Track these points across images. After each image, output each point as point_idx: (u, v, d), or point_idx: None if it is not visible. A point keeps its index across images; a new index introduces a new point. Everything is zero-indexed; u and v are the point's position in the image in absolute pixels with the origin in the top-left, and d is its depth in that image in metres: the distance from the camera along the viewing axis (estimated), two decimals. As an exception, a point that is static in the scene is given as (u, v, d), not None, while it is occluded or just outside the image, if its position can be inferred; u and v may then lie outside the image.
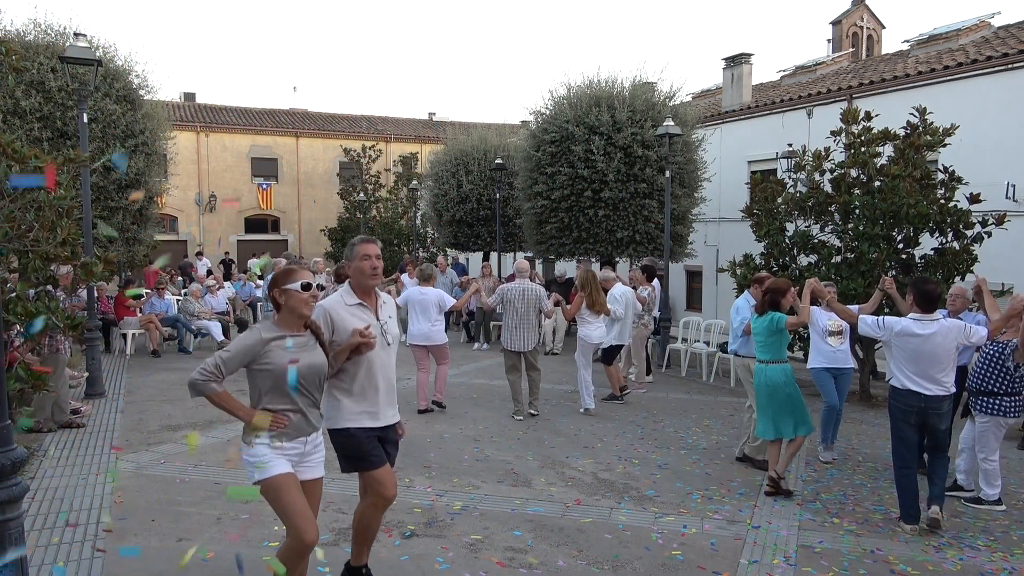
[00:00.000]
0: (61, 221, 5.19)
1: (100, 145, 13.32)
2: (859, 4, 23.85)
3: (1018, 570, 4.55)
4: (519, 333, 8.12)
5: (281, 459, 3.24)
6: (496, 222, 18.20)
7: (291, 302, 3.28)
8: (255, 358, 3.21)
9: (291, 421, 3.27)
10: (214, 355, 3.19)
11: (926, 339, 4.96)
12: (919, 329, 4.99)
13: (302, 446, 3.34)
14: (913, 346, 5.00)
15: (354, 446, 3.62)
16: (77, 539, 4.69)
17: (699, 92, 24.42)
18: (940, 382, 4.99)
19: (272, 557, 3.25)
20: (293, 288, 3.26)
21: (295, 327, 3.33)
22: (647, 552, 4.69)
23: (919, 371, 5.00)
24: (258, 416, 3.20)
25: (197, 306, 13.42)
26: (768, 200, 10.56)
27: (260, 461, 3.19)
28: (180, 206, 29.50)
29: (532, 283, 8.32)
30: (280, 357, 3.21)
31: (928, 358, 4.96)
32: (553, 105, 15.18)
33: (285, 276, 3.31)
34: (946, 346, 4.98)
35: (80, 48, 8.60)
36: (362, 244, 3.68)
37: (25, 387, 6.13)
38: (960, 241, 9.24)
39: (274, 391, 3.25)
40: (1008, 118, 12.89)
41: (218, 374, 3.15)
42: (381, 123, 35.58)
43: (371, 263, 3.63)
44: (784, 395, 5.78)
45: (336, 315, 3.57)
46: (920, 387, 4.99)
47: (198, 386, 3.13)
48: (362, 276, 3.65)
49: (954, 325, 5.07)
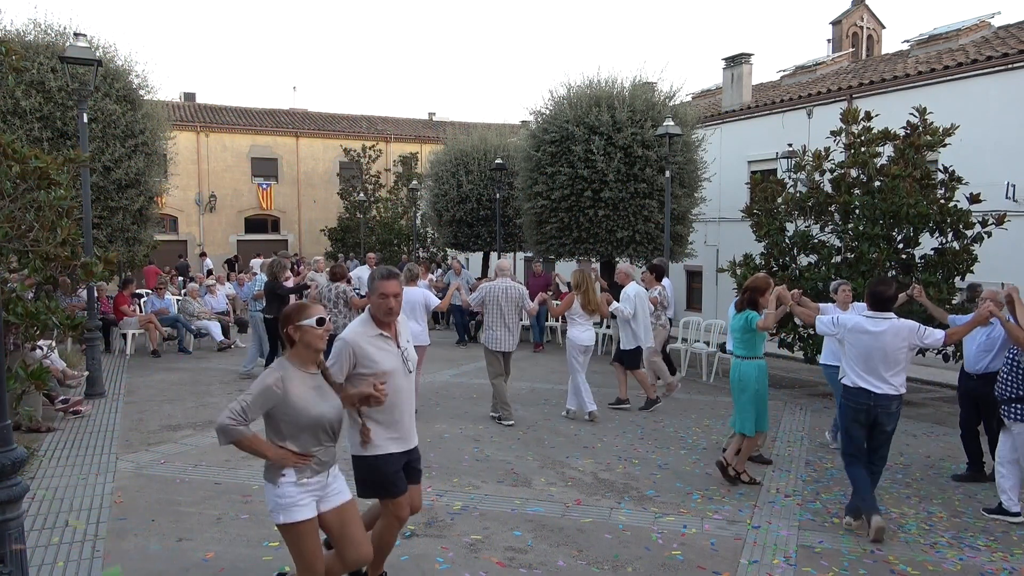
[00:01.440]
0: (61, 221, 5.19)
1: (100, 145, 13.31)
2: (859, 4, 23.85)
3: (1018, 570, 4.55)
4: (503, 333, 8.00)
5: (308, 501, 3.28)
6: (496, 222, 18.19)
7: (306, 338, 3.28)
8: (278, 404, 3.21)
9: (316, 458, 3.30)
10: (237, 400, 3.18)
11: (876, 336, 5.02)
12: (871, 326, 5.06)
13: (325, 478, 3.39)
14: (864, 343, 5.06)
15: (380, 474, 3.67)
16: (77, 539, 4.70)
17: (699, 92, 24.42)
18: (889, 381, 5.03)
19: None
20: (308, 324, 3.27)
21: (309, 362, 3.34)
22: (647, 552, 4.69)
23: (869, 369, 5.06)
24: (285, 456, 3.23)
25: (196, 306, 13.43)
26: (768, 200, 10.55)
27: (288, 502, 3.23)
28: (180, 206, 29.51)
29: (514, 282, 8.24)
30: (304, 402, 3.23)
31: (879, 356, 5.02)
32: (553, 105, 15.17)
33: (299, 312, 3.32)
34: (896, 345, 5.00)
35: (80, 48, 8.60)
36: (382, 281, 3.66)
37: (25, 387, 6.14)
38: (960, 241, 9.24)
39: (296, 432, 3.25)
40: (1008, 118, 12.89)
41: (244, 418, 3.15)
42: (381, 123, 35.59)
43: (388, 303, 3.64)
44: (752, 391, 6.00)
45: (359, 348, 3.59)
46: (870, 385, 5.05)
47: (228, 431, 3.11)
48: (379, 312, 3.67)
49: (906, 325, 5.07)
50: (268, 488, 3.29)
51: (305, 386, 3.27)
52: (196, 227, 30.49)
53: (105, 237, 13.56)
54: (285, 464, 3.23)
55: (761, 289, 5.99)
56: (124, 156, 13.76)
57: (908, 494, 5.84)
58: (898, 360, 5.03)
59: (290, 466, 3.23)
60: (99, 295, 11.36)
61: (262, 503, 5.37)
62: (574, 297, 8.20)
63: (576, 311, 8.21)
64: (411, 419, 3.82)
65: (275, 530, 4.81)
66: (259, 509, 5.26)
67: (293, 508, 3.23)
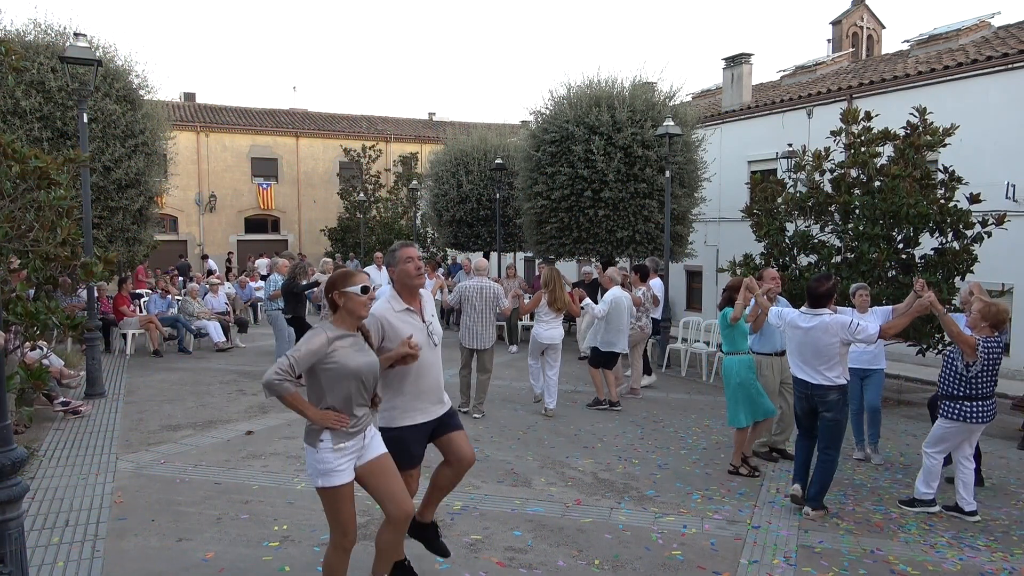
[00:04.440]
0: (61, 221, 5.20)
1: (100, 145, 13.31)
2: (859, 4, 23.85)
3: (1018, 570, 4.55)
4: (476, 330, 8.18)
5: (346, 465, 3.39)
6: (496, 222, 18.19)
7: (350, 304, 3.41)
8: (321, 358, 3.32)
9: (355, 418, 3.41)
10: (286, 355, 3.29)
11: (807, 331, 5.35)
12: (802, 322, 5.41)
13: (362, 440, 3.48)
14: (797, 337, 5.45)
15: (403, 446, 3.78)
16: (77, 539, 4.70)
17: (699, 92, 24.41)
18: (823, 373, 5.31)
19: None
20: (353, 291, 3.40)
21: (351, 327, 3.47)
22: (647, 552, 4.69)
23: (804, 360, 5.42)
24: (325, 416, 3.34)
25: (196, 306, 13.43)
26: (768, 200, 10.55)
27: (327, 467, 3.34)
28: (180, 206, 29.49)
29: (490, 282, 8.35)
30: (344, 356, 3.35)
31: (810, 349, 5.35)
32: (553, 105, 15.17)
33: (344, 279, 3.45)
34: (826, 340, 5.25)
35: (80, 48, 8.59)
36: (403, 248, 3.88)
37: (25, 387, 6.14)
38: (960, 241, 9.23)
39: (334, 387, 3.37)
40: (1008, 118, 12.89)
41: (292, 374, 3.26)
42: (381, 123, 35.57)
43: (415, 264, 3.83)
44: (736, 383, 6.27)
45: (387, 323, 3.75)
46: (806, 375, 5.41)
47: (274, 386, 3.23)
48: (407, 277, 3.83)
49: (836, 321, 5.26)
50: (308, 451, 3.41)
51: (345, 343, 3.40)
52: (196, 227, 30.48)
53: (105, 237, 13.57)
54: (325, 423, 3.32)
55: (736, 288, 6.48)
56: (124, 156, 13.77)
57: (908, 494, 5.83)
58: (830, 355, 5.28)
59: (330, 426, 3.33)
60: (99, 295, 11.35)
61: (262, 503, 5.38)
62: (541, 295, 8.45)
63: (543, 308, 8.49)
64: (439, 389, 3.94)
65: (275, 530, 4.83)
66: (259, 509, 5.26)
67: (332, 473, 3.34)
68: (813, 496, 5.39)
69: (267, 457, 6.58)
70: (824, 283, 5.38)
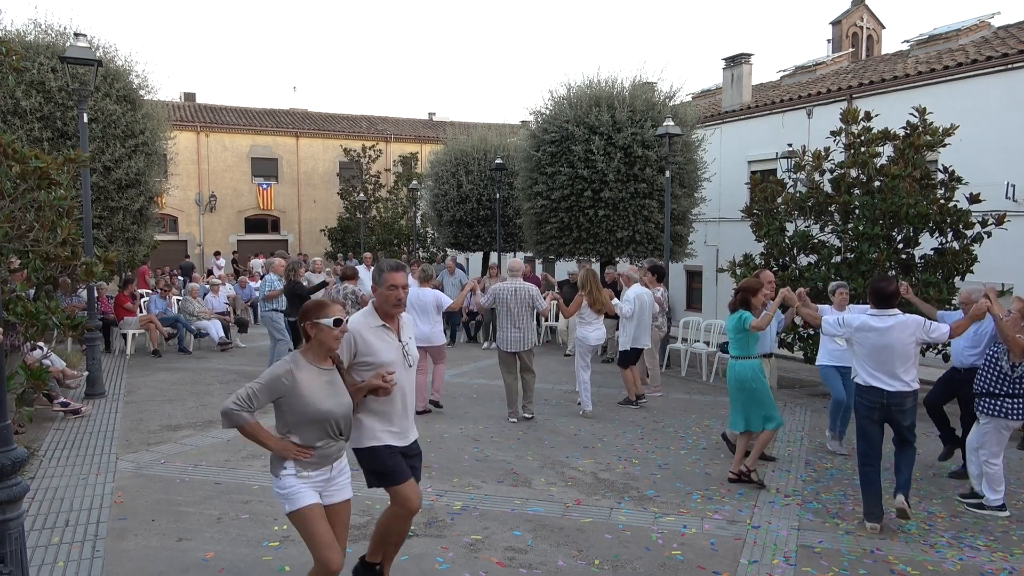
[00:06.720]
0: (61, 221, 5.20)
1: (100, 145, 13.31)
2: (859, 4, 23.84)
3: (1018, 570, 4.55)
4: (515, 333, 8.06)
5: (308, 489, 3.30)
6: (496, 222, 18.19)
7: (321, 335, 3.32)
8: (284, 393, 3.25)
9: (317, 451, 3.32)
10: (245, 386, 3.24)
11: (883, 333, 5.03)
12: (876, 323, 5.08)
13: (328, 472, 3.40)
14: (872, 341, 5.08)
15: (379, 463, 3.67)
16: (77, 539, 4.70)
17: (699, 92, 24.40)
18: (900, 378, 5.03)
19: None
20: (325, 323, 3.30)
21: (322, 359, 3.38)
22: (647, 552, 4.69)
23: (879, 366, 5.07)
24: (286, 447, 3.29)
25: (197, 306, 13.43)
26: (768, 200, 10.55)
27: (289, 492, 3.28)
28: (180, 206, 29.51)
29: (525, 282, 8.28)
30: (313, 395, 3.26)
31: (887, 352, 5.02)
32: (553, 105, 15.17)
33: (317, 310, 3.35)
34: (904, 340, 5.01)
35: (80, 48, 8.60)
36: (391, 273, 3.71)
37: (25, 387, 6.14)
38: (960, 241, 9.24)
39: (301, 425, 3.29)
40: (1008, 118, 12.89)
41: (249, 405, 3.21)
42: (381, 123, 35.59)
43: (397, 294, 3.68)
44: (750, 389, 6.04)
45: (360, 337, 3.62)
46: (882, 383, 5.05)
47: (232, 416, 3.20)
48: (387, 303, 3.70)
49: (912, 320, 5.09)
50: (273, 482, 3.35)
51: (316, 380, 3.31)
52: (196, 227, 30.50)
53: (105, 237, 13.57)
54: (286, 456, 3.27)
55: (753, 290, 6.07)
56: (124, 156, 13.77)
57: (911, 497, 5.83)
58: (909, 355, 5.04)
59: (291, 458, 3.27)
60: (99, 295, 11.35)
61: (262, 503, 5.38)
62: (582, 298, 8.38)
63: (585, 311, 8.43)
64: (410, 414, 3.81)
65: (275, 530, 4.83)
66: (259, 509, 5.26)
67: (295, 495, 3.27)
68: (902, 484, 5.21)
69: (267, 457, 6.52)
70: (892, 282, 5.16)
